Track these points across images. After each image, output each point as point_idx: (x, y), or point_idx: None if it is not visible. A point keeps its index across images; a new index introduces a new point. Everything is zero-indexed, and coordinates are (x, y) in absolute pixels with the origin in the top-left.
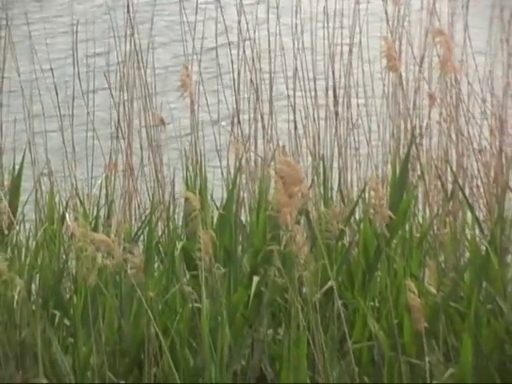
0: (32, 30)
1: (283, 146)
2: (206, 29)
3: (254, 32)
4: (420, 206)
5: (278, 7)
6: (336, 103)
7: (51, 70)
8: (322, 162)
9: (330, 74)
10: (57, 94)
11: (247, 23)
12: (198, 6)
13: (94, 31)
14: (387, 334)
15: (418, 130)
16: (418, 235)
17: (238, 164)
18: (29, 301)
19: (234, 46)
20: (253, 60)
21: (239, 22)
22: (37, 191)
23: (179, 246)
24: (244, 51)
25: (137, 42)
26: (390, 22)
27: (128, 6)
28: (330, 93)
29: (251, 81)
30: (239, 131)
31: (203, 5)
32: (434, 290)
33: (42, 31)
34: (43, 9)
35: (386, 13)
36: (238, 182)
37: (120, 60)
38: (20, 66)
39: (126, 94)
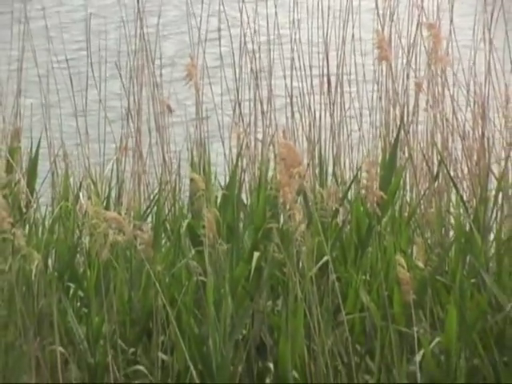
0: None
1: (283, 131)
2: (210, 22)
3: (255, 24)
4: (408, 187)
5: (276, 5)
6: (330, 91)
7: (66, 60)
8: (317, 146)
9: (325, 63)
10: (71, 81)
11: (248, 17)
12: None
13: (106, 23)
14: (378, 305)
15: (406, 117)
16: (407, 214)
17: (239, 147)
18: (45, 274)
19: (236, 39)
20: (253, 51)
21: (241, 14)
22: (53, 173)
23: (185, 223)
24: (245, 42)
25: (145, 34)
26: (381, 17)
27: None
28: (325, 81)
29: (251, 69)
30: (240, 117)
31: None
32: (421, 265)
33: (58, 22)
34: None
35: (377, 7)
36: (239, 164)
37: (130, 50)
38: (37, 57)
39: (135, 83)
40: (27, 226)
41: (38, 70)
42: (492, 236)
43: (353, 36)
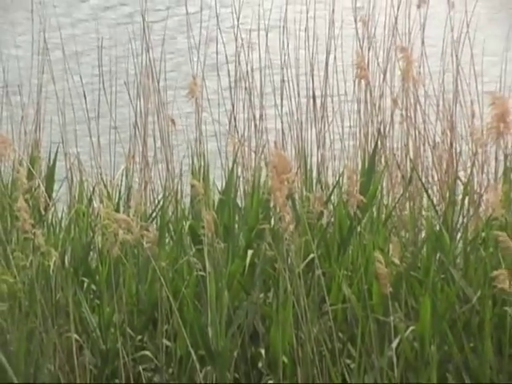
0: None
1: (274, 142)
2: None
3: (248, 52)
4: (385, 192)
5: (267, 32)
6: (315, 107)
7: (80, 79)
8: (304, 155)
9: (310, 83)
10: (85, 98)
11: (242, 44)
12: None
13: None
14: (358, 297)
15: (382, 129)
16: (384, 216)
17: (234, 156)
18: (62, 269)
19: (232, 60)
20: (247, 73)
21: (235, 40)
22: (69, 179)
23: (186, 224)
24: (240, 67)
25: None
26: (361, 41)
27: (144, 29)
28: (311, 99)
29: (245, 88)
30: (235, 129)
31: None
32: (397, 261)
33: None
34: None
35: (357, 33)
36: (235, 171)
37: (138, 71)
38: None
39: (142, 100)
40: (46, 227)
41: (56, 88)
42: (459, 235)
43: (335, 58)
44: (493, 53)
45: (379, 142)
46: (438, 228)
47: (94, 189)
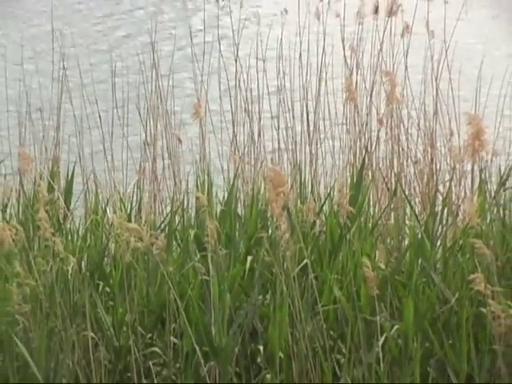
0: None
1: (272, 158)
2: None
3: (247, 80)
4: (372, 203)
5: (264, 60)
6: (308, 127)
7: (96, 101)
8: (298, 170)
9: (304, 105)
10: (100, 119)
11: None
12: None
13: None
14: (348, 298)
15: (369, 147)
16: (371, 225)
17: (235, 171)
18: (79, 273)
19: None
20: (247, 100)
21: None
22: (85, 192)
23: (192, 233)
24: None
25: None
26: (349, 67)
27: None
28: (304, 118)
29: (245, 110)
30: (236, 147)
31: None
32: (383, 266)
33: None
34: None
35: (345, 59)
36: (235, 185)
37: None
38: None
39: (151, 121)
40: (64, 235)
41: (74, 109)
42: (439, 243)
43: (326, 82)
44: (469, 77)
45: (366, 159)
46: (419, 236)
47: (108, 201)
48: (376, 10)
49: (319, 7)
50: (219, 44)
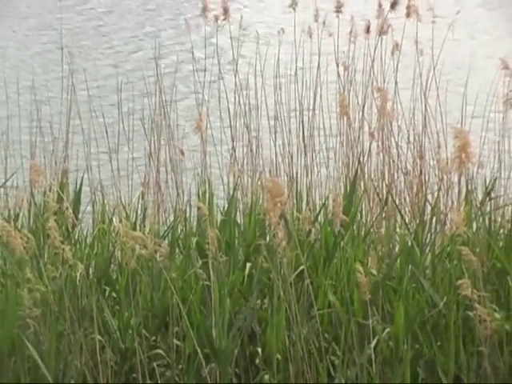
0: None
1: (269, 170)
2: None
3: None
4: (364, 213)
5: (262, 74)
6: (304, 140)
7: (103, 116)
8: (294, 181)
9: (300, 119)
10: (106, 133)
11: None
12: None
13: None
14: (341, 303)
15: (362, 159)
16: (363, 233)
17: (235, 182)
18: (87, 279)
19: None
20: (245, 113)
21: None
22: (93, 202)
23: (194, 241)
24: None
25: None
26: (343, 83)
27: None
28: (300, 133)
29: (244, 123)
30: (235, 160)
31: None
32: (374, 272)
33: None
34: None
35: (339, 76)
36: (235, 195)
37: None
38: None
39: (155, 134)
40: (73, 243)
41: (82, 123)
42: (428, 250)
43: (321, 97)
44: (455, 92)
45: (359, 170)
46: (409, 243)
47: (114, 210)
48: (368, 30)
49: (314, 27)
50: (219, 64)
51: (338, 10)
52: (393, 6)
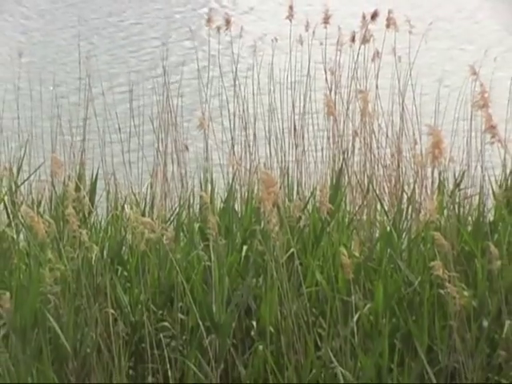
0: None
1: (264, 163)
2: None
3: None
4: (348, 201)
5: (258, 81)
6: (295, 136)
7: (116, 116)
8: (286, 174)
9: (291, 118)
10: (119, 129)
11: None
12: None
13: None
14: (327, 281)
15: (346, 154)
16: (347, 219)
17: (233, 174)
18: (101, 260)
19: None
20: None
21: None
22: (107, 191)
23: (196, 226)
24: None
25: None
26: (329, 85)
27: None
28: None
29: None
30: (233, 154)
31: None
32: (357, 254)
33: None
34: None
35: (327, 79)
36: (233, 185)
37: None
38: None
39: (163, 130)
40: (89, 228)
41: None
42: (404, 235)
43: (310, 98)
44: (430, 95)
45: (343, 164)
46: (388, 229)
47: (125, 199)
48: (353, 39)
49: (305, 36)
50: (221, 75)
51: (326, 21)
52: (373, 17)
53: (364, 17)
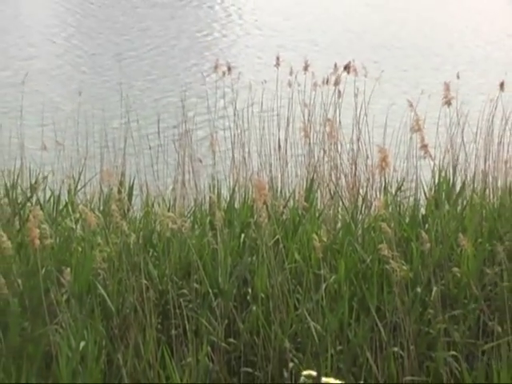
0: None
1: (257, 173)
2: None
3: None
4: (319, 201)
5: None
6: (280, 152)
7: (147, 137)
8: (272, 180)
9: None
10: (150, 148)
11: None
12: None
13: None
14: (303, 259)
15: (317, 166)
16: (318, 214)
17: (235, 181)
18: (137, 243)
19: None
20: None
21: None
22: (141, 193)
23: (207, 219)
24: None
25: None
26: (305, 116)
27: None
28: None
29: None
30: (234, 165)
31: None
32: (325, 240)
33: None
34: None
35: (303, 111)
36: (235, 189)
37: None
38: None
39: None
40: (128, 220)
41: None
42: (359, 225)
43: (291, 125)
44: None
45: (315, 173)
46: (348, 221)
47: (154, 199)
48: (327, 81)
49: (289, 79)
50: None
51: (306, 68)
52: (345, 68)
53: (336, 65)
